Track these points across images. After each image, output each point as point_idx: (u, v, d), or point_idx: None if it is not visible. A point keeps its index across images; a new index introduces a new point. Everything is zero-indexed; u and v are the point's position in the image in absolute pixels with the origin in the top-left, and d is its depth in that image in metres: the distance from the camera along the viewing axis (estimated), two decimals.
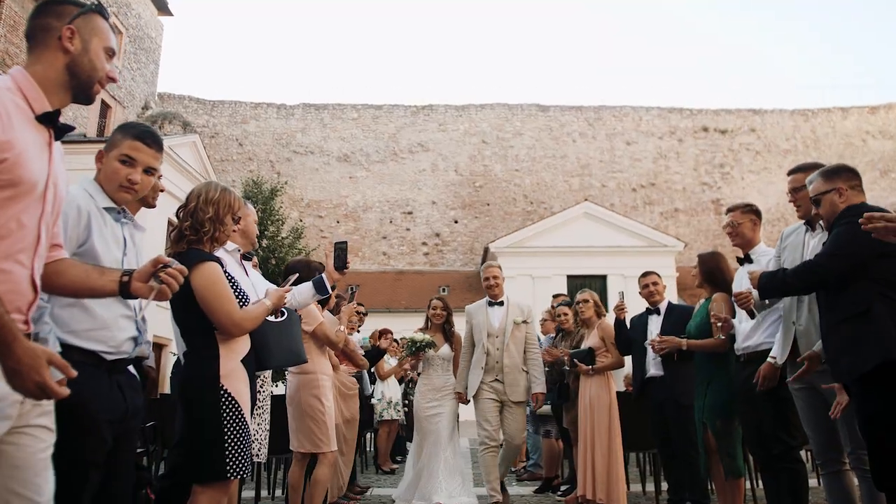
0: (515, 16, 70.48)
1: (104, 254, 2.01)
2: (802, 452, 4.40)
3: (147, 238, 2.37)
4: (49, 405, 1.52)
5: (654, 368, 4.64)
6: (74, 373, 1.39)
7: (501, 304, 5.12)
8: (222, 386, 2.36)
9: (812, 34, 78.20)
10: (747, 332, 3.61)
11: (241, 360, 2.47)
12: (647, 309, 4.90)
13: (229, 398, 2.37)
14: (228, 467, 2.33)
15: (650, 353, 4.62)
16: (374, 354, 6.63)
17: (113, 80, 1.68)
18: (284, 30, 78.13)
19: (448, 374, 5.21)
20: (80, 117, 18.06)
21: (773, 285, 2.96)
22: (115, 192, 2.12)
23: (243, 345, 2.51)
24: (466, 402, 5.11)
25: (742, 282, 3.66)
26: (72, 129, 1.60)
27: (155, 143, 2.21)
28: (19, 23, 14.03)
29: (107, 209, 2.10)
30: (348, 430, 5.39)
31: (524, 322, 5.04)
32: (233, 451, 2.34)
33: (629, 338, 4.93)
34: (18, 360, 1.31)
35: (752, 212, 3.83)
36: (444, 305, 5.39)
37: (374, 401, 7.48)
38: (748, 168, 30.63)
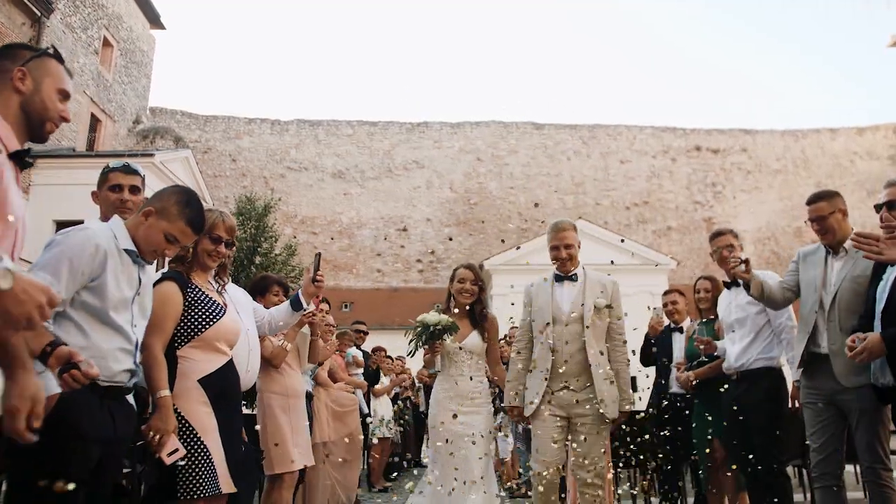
0: (511, 34, 71.32)
1: (114, 291, 2.07)
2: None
3: None
4: None
5: (676, 386, 4.69)
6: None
7: (574, 279, 3.59)
8: (174, 406, 2.36)
9: (803, 55, 79.48)
10: (739, 352, 3.74)
11: (200, 380, 2.46)
12: (670, 326, 4.97)
13: (180, 418, 2.38)
14: (180, 487, 2.33)
15: (674, 371, 4.69)
16: (373, 375, 6.58)
17: (66, 119, 1.78)
18: (279, 45, 78.74)
19: (479, 375, 3.67)
20: (70, 131, 17.99)
21: None
22: (147, 253, 2.22)
23: (205, 364, 2.50)
24: (525, 420, 3.61)
25: (727, 305, 3.87)
26: (29, 160, 1.69)
27: (201, 229, 2.35)
28: (5, 34, 14.02)
29: (127, 251, 2.16)
30: (343, 448, 5.32)
31: (608, 307, 3.51)
32: (186, 472, 2.34)
33: (652, 353, 5.01)
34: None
35: (737, 236, 3.98)
36: (475, 278, 3.77)
37: (367, 420, 7.41)
38: (740, 187, 30.91)
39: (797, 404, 3.40)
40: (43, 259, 1.98)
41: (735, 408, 3.67)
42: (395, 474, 8.51)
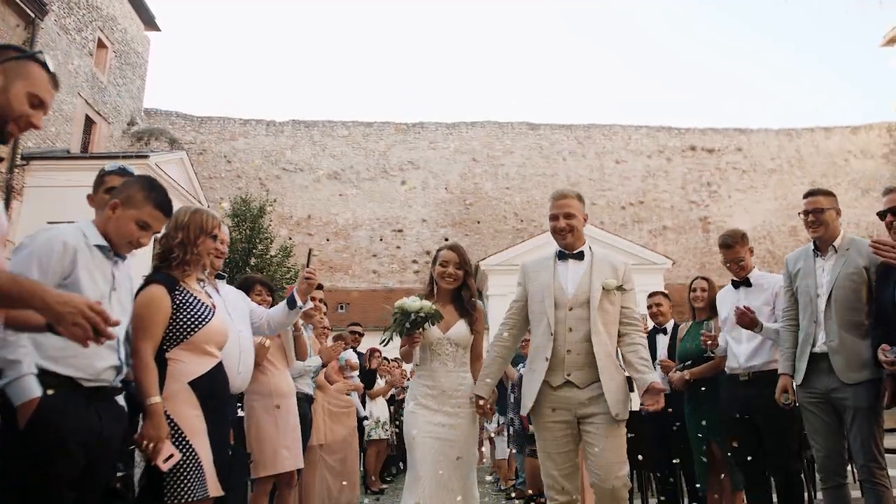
0: (506, 34, 71.40)
1: (88, 287, 2.04)
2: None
3: (136, 254, 2.37)
4: None
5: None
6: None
7: (580, 256, 3.08)
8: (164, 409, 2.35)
9: (797, 54, 79.85)
10: (749, 353, 3.72)
11: (191, 382, 2.45)
12: (654, 328, 4.96)
13: (169, 421, 2.35)
14: (167, 491, 2.30)
15: (658, 371, 4.69)
16: (369, 376, 6.57)
17: (34, 126, 1.75)
18: (274, 46, 78.61)
19: (463, 371, 3.22)
20: (64, 133, 17.88)
21: None
22: (121, 246, 2.21)
23: (194, 367, 2.48)
24: (488, 414, 3.20)
25: (733, 305, 3.80)
26: None
27: (171, 212, 2.35)
28: None
29: (98, 246, 2.14)
30: (341, 450, 5.31)
31: (619, 288, 3.01)
32: (174, 476, 2.31)
33: None
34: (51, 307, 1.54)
35: (747, 241, 3.90)
36: (459, 261, 3.28)
37: (364, 422, 7.40)
38: (735, 186, 30.96)
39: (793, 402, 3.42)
40: (12, 263, 1.96)
41: (742, 408, 3.67)
42: (390, 476, 8.50)
